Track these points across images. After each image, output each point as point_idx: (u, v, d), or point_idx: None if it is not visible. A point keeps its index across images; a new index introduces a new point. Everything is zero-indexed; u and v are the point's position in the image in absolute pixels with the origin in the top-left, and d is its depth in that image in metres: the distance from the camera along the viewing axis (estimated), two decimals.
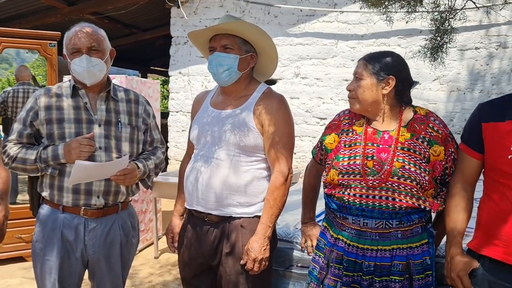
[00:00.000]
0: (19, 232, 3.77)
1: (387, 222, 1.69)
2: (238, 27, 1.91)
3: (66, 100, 2.01)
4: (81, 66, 1.94)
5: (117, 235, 2.07)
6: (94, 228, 2.01)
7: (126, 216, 2.13)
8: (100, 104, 2.04)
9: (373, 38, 5.27)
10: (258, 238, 1.85)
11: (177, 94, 6.27)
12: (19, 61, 25.27)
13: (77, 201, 1.97)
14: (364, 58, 1.80)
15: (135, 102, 2.15)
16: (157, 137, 2.25)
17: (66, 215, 1.99)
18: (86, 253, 2.02)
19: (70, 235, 1.98)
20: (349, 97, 1.81)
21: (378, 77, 1.73)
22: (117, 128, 2.04)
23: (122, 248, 2.10)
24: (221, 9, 5.93)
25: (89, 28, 2.01)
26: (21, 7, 6.45)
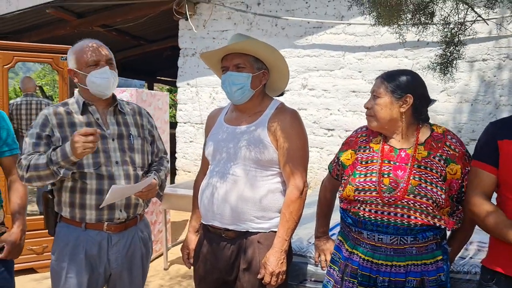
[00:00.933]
0: (30, 244, 3.81)
1: (402, 238, 1.70)
2: (250, 46, 1.95)
3: (77, 117, 2.02)
4: (104, 78, 1.97)
5: (138, 246, 2.11)
6: (117, 242, 2.03)
7: (143, 227, 2.18)
8: (110, 119, 2.07)
9: (380, 50, 5.30)
10: (275, 251, 1.87)
11: (185, 105, 6.31)
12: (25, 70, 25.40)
13: (101, 216, 1.99)
14: (382, 76, 1.82)
15: (139, 114, 2.20)
16: (161, 148, 2.31)
17: (89, 232, 2.00)
18: (110, 267, 2.04)
19: (94, 251, 2.00)
20: (367, 114, 1.83)
21: (396, 95, 1.75)
22: (130, 140, 2.07)
23: (142, 259, 2.15)
24: (229, 21, 5.99)
25: (99, 42, 2.06)
26: (31, 20, 6.52)
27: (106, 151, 2.00)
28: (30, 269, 3.89)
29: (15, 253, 2.07)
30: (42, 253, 3.94)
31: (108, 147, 2.01)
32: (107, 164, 1.99)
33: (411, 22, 2.26)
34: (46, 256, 3.95)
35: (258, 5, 5.83)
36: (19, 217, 2.10)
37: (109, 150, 2.01)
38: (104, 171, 1.98)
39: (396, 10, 2.05)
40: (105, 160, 1.99)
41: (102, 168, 1.98)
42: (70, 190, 1.97)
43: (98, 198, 1.96)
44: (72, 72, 2.03)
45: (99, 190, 1.96)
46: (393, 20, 2.11)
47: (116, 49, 8.31)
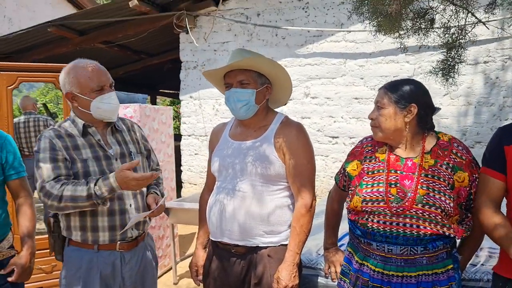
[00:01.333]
0: (40, 263, 3.80)
1: (412, 248, 1.69)
2: (253, 62, 1.95)
3: (79, 139, 1.99)
4: (112, 104, 1.99)
5: (149, 260, 2.14)
6: (130, 259, 2.04)
7: (149, 240, 2.22)
8: (110, 139, 2.06)
9: (381, 56, 5.31)
10: (287, 265, 1.87)
11: (188, 118, 6.33)
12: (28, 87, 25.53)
13: (114, 237, 1.98)
14: (385, 86, 1.82)
15: (132, 130, 2.21)
16: (156, 160, 2.32)
17: (102, 253, 1.98)
18: (124, 285, 2.03)
19: (108, 271, 1.99)
20: (372, 125, 1.83)
21: (400, 106, 1.75)
22: (131, 158, 2.07)
23: (153, 270, 2.19)
24: (229, 33, 6.01)
25: (98, 64, 2.03)
26: (33, 39, 6.57)
27: (111, 171, 1.97)
28: None
29: (24, 276, 2.08)
30: (51, 272, 3.93)
31: (113, 167, 2.00)
32: None
33: (412, 30, 2.27)
34: (55, 275, 3.94)
35: (258, 16, 5.86)
36: (28, 240, 2.10)
37: (115, 170, 1.99)
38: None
39: (396, 19, 2.05)
40: None
41: None
42: (80, 214, 1.95)
43: (110, 220, 1.96)
44: (70, 96, 1.97)
45: (110, 211, 1.97)
46: (394, 29, 2.12)
47: (118, 64, 8.35)
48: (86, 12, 5.93)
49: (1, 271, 2.02)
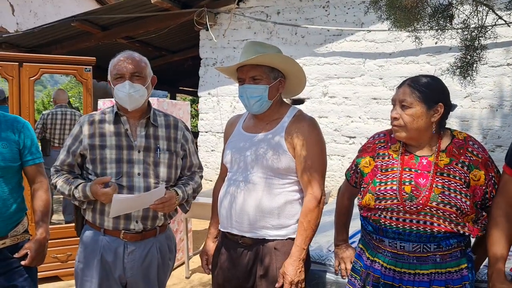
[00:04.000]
0: (55, 252, 3.88)
1: (424, 246, 1.66)
2: (263, 59, 1.94)
3: (108, 127, 2.07)
4: (123, 92, 2.00)
5: (155, 258, 2.11)
6: (133, 251, 2.05)
7: (163, 239, 2.17)
8: (140, 131, 2.09)
9: (402, 56, 5.25)
10: (293, 261, 1.85)
11: (206, 114, 6.37)
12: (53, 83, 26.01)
13: (117, 225, 2.03)
14: (409, 84, 1.74)
15: (174, 128, 2.19)
16: (195, 162, 2.28)
17: (107, 238, 2.04)
18: (125, 275, 2.06)
19: (110, 257, 2.03)
20: (395, 125, 1.75)
21: (428, 105, 1.69)
22: (156, 154, 2.08)
23: (158, 270, 2.14)
24: (249, 31, 6.03)
25: (133, 55, 2.08)
26: (57, 33, 6.71)
27: (130, 162, 2.03)
28: (55, 277, 3.96)
29: (38, 260, 2.10)
30: (67, 261, 4.00)
31: (133, 158, 2.04)
32: (128, 175, 2.03)
33: (429, 25, 2.23)
34: (70, 264, 4.01)
35: (278, 14, 5.86)
36: (42, 224, 2.14)
37: (133, 161, 2.04)
38: (124, 182, 2.02)
39: (412, 13, 2.02)
40: (127, 170, 2.03)
41: (123, 178, 2.02)
42: None
43: None
44: (109, 83, 2.11)
45: None
46: (410, 23, 2.08)
47: None
48: (109, 8, 6.03)
49: (15, 255, 2.05)
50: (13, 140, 2.07)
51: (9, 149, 2.04)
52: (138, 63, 2.06)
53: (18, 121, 2.13)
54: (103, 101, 4.13)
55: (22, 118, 2.20)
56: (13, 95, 3.71)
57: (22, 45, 7.13)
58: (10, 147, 2.05)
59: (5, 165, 2.02)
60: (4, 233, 2.03)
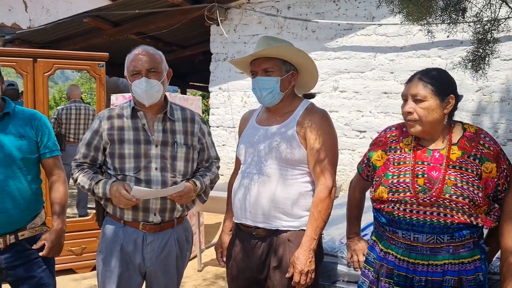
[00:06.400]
0: (70, 245, 3.95)
1: (438, 237, 1.68)
2: (275, 51, 1.97)
3: (126, 121, 2.11)
4: (141, 88, 2.03)
5: (173, 248, 2.16)
6: (152, 242, 2.09)
7: (181, 230, 2.22)
8: (157, 125, 2.12)
9: (413, 50, 5.23)
10: (304, 250, 1.88)
11: (217, 109, 6.40)
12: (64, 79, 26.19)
13: (136, 217, 2.07)
14: (420, 78, 1.74)
15: (191, 121, 2.22)
16: (213, 154, 2.32)
17: (127, 229, 2.09)
18: (144, 265, 2.11)
19: (129, 248, 2.08)
20: (409, 119, 1.74)
21: (441, 97, 1.70)
22: (173, 148, 2.11)
23: (177, 260, 2.19)
24: (260, 26, 6.04)
25: (149, 50, 2.10)
26: (69, 29, 6.77)
27: (147, 156, 2.07)
28: (69, 270, 4.02)
29: (55, 251, 2.16)
30: (81, 254, 4.07)
31: (151, 152, 2.08)
32: (146, 169, 2.06)
33: (441, 19, 2.23)
34: (85, 257, 4.08)
35: (288, 9, 5.86)
36: (59, 215, 2.19)
37: (151, 156, 2.07)
38: (142, 176, 2.05)
39: (425, 6, 2.03)
40: (145, 165, 2.06)
41: (141, 172, 2.06)
42: None
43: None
44: (126, 78, 2.14)
45: None
46: (423, 16, 2.08)
47: None
48: (120, 4, 6.06)
49: (34, 246, 2.11)
50: (31, 134, 2.11)
51: (27, 142, 2.08)
52: (154, 59, 2.08)
53: (35, 116, 2.18)
54: (115, 96, 4.17)
55: (39, 112, 2.25)
56: (28, 91, 3.77)
57: (35, 41, 7.21)
58: (28, 140, 2.09)
59: (23, 156, 2.07)
60: (23, 224, 2.08)
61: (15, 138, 2.05)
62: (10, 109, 2.09)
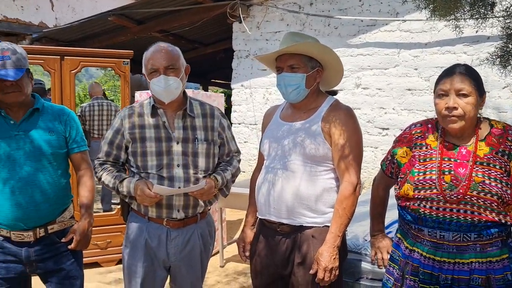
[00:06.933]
0: (95, 239, 4.02)
1: (465, 235, 1.65)
2: (302, 47, 1.96)
3: (147, 119, 2.12)
4: (159, 86, 2.04)
5: (196, 243, 2.18)
6: (176, 237, 2.12)
7: (204, 225, 2.24)
8: (177, 122, 2.13)
9: (438, 46, 5.15)
10: (328, 247, 1.88)
11: (239, 106, 6.42)
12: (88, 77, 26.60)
13: (160, 214, 2.10)
14: (463, 73, 1.70)
15: (210, 116, 2.22)
16: (233, 148, 2.33)
17: (151, 224, 2.12)
18: (169, 260, 2.14)
19: (154, 243, 2.11)
20: (454, 115, 1.68)
21: (480, 94, 1.69)
22: (194, 144, 2.12)
23: (201, 255, 2.21)
24: (282, 23, 6.03)
25: (166, 47, 2.09)
26: (95, 28, 6.88)
27: (169, 153, 2.09)
28: (95, 263, 4.10)
29: (83, 244, 2.20)
30: (106, 248, 4.15)
31: (172, 150, 2.09)
32: (168, 167, 2.08)
33: (469, 14, 2.19)
34: (110, 251, 4.16)
35: (311, 6, 5.83)
36: (87, 210, 2.23)
37: (173, 153, 2.09)
38: (165, 173, 2.07)
39: (453, 1, 1.99)
40: (167, 162, 2.08)
41: (163, 170, 2.08)
42: None
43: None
44: (145, 76, 2.13)
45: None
46: (450, 12, 2.05)
47: None
48: (144, 2, 6.13)
49: (62, 239, 2.16)
50: (60, 129, 2.16)
51: (56, 137, 2.13)
52: (171, 56, 2.07)
53: (64, 111, 2.23)
54: (139, 93, 4.23)
55: (68, 108, 2.30)
56: (55, 88, 3.85)
57: (61, 40, 7.35)
58: (57, 134, 2.14)
59: (53, 151, 2.12)
60: (53, 217, 2.13)
61: (45, 133, 2.10)
62: (39, 105, 2.14)
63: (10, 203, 2.02)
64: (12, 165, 2.03)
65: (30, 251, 2.08)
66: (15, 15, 6.97)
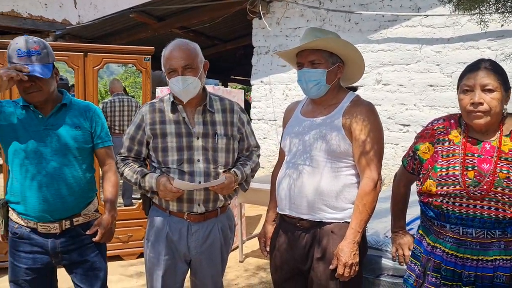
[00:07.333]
0: (117, 233, 4.08)
1: (488, 232, 1.64)
2: (323, 43, 1.96)
3: (167, 115, 2.14)
4: (178, 86, 2.06)
5: (217, 237, 2.20)
6: (196, 231, 2.15)
7: (224, 219, 2.26)
8: (197, 118, 2.15)
9: (461, 41, 5.07)
10: (348, 243, 1.88)
11: (258, 102, 6.43)
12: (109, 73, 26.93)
13: (181, 208, 2.13)
14: (488, 68, 1.67)
15: (230, 111, 2.24)
16: (253, 143, 2.34)
17: (172, 218, 2.15)
18: (189, 253, 2.17)
19: (175, 237, 2.14)
20: (480, 110, 1.65)
21: (506, 89, 1.67)
22: (214, 139, 2.14)
23: (221, 248, 2.24)
24: (302, 19, 6.01)
25: (183, 46, 2.08)
26: (116, 25, 6.97)
27: (190, 149, 2.11)
28: (117, 256, 4.18)
29: (107, 237, 2.25)
30: (128, 241, 4.22)
31: (193, 145, 2.12)
32: (189, 162, 2.10)
33: (495, 8, 2.15)
34: (131, 245, 4.23)
35: (331, 1, 5.80)
36: (111, 204, 2.28)
37: (193, 148, 2.11)
38: (185, 168, 2.10)
39: None
40: (188, 157, 2.10)
41: (184, 165, 2.10)
42: None
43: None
44: (164, 74, 2.16)
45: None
46: (475, 5, 2.01)
47: None
48: None
49: (87, 232, 2.21)
50: (86, 124, 2.21)
51: (81, 132, 2.18)
52: (189, 55, 2.06)
53: (90, 107, 2.27)
54: (160, 89, 4.28)
55: (93, 104, 2.34)
56: (79, 84, 3.92)
57: (84, 37, 7.46)
58: (83, 130, 2.19)
59: (79, 146, 2.16)
60: (78, 210, 2.19)
61: (71, 129, 2.15)
62: (67, 100, 2.19)
63: (37, 196, 2.08)
64: (40, 160, 2.08)
65: (56, 242, 2.14)
66: (39, 13, 7.10)
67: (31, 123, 2.10)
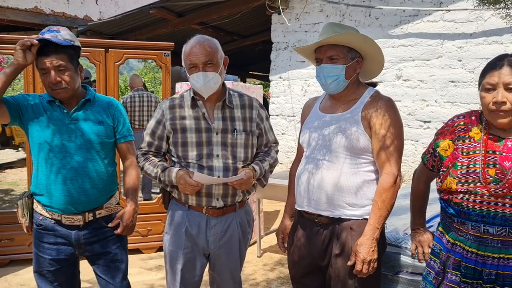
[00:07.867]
0: (137, 227, 4.12)
1: (510, 229, 1.62)
2: (342, 38, 1.94)
3: (187, 111, 2.17)
4: (199, 82, 2.08)
5: (235, 231, 2.23)
6: (215, 225, 2.18)
7: (243, 213, 2.29)
8: (217, 114, 2.17)
9: (483, 37, 4.98)
10: (366, 239, 1.87)
11: (277, 98, 6.43)
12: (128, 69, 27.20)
13: (200, 202, 2.15)
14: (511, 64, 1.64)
15: (249, 107, 2.25)
16: (271, 139, 2.36)
17: (191, 212, 2.18)
18: (208, 247, 2.20)
19: (194, 231, 2.17)
20: (503, 110, 1.63)
21: None
22: (233, 135, 2.16)
23: (240, 243, 2.26)
24: (321, 14, 5.98)
25: (204, 41, 2.10)
26: (137, 21, 7.04)
27: (209, 144, 2.13)
28: (136, 250, 4.24)
29: (128, 230, 2.30)
30: (147, 235, 4.28)
31: (212, 140, 2.14)
32: (208, 157, 2.13)
33: None
34: (151, 238, 4.29)
35: None
36: (132, 197, 2.32)
37: (212, 144, 2.13)
38: (205, 163, 2.12)
39: None
40: (207, 152, 2.13)
41: (203, 160, 2.12)
42: None
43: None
44: (184, 69, 2.19)
45: None
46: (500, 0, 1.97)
47: None
48: None
49: (109, 224, 2.25)
50: (108, 120, 2.25)
51: (104, 127, 2.22)
52: (209, 51, 2.08)
53: (112, 103, 2.31)
54: (180, 84, 4.31)
55: (115, 100, 2.38)
56: (100, 80, 3.98)
57: (105, 33, 7.56)
58: (106, 125, 2.23)
59: (101, 140, 2.21)
60: (100, 203, 2.23)
61: (94, 124, 2.20)
62: (91, 95, 2.24)
63: (62, 189, 2.13)
64: (64, 155, 2.13)
65: (80, 234, 2.19)
66: (62, 9, 7.23)
67: (56, 118, 2.15)
